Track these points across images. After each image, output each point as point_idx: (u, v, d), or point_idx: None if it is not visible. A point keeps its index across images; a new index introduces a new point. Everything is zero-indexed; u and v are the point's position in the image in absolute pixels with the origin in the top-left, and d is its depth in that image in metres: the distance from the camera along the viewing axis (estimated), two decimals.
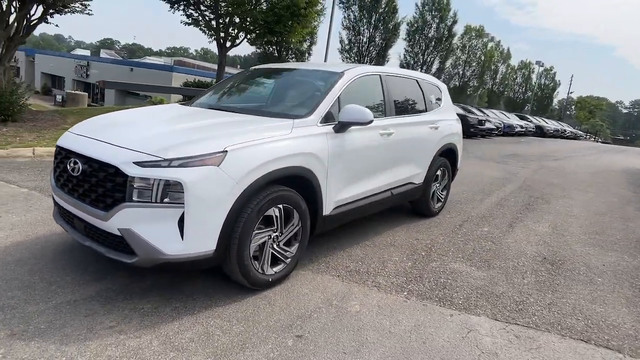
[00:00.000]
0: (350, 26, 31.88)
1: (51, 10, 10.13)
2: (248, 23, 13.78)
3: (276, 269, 2.91)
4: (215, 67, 17.91)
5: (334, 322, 2.55)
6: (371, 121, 3.26)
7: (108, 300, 2.55)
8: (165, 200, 2.34)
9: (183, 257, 2.39)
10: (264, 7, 12.93)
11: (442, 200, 5.17)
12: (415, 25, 35.13)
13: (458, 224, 4.79)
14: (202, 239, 2.42)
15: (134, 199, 2.35)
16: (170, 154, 2.39)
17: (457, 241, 4.20)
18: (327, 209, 3.26)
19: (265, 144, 2.71)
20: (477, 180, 7.59)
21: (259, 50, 25.94)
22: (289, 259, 2.98)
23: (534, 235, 4.64)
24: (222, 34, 13.83)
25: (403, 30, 33.46)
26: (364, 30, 31.49)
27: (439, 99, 5.01)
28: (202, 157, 2.42)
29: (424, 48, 35.40)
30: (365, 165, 3.61)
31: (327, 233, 3.72)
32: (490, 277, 3.42)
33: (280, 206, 2.81)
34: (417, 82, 4.67)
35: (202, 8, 13.36)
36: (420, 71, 18.50)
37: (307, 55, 28.91)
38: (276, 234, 2.85)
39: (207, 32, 14.02)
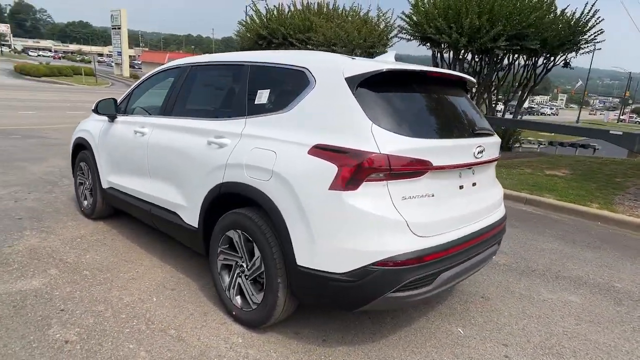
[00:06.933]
0: None
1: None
2: None
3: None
4: None
5: None
6: (109, 115, 3.75)
7: None
8: None
9: None
10: None
11: (248, 301, 2.47)
12: None
13: None
14: None
15: None
16: None
17: None
18: (103, 183, 3.88)
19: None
20: None
21: None
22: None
23: None
24: None
25: None
26: None
27: (282, 96, 2.47)
28: None
29: None
30: (123, 159, 3.61)
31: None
32: None
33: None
34: (240, 70, 2.73)
35: None
36: None
37: None
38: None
39: None
